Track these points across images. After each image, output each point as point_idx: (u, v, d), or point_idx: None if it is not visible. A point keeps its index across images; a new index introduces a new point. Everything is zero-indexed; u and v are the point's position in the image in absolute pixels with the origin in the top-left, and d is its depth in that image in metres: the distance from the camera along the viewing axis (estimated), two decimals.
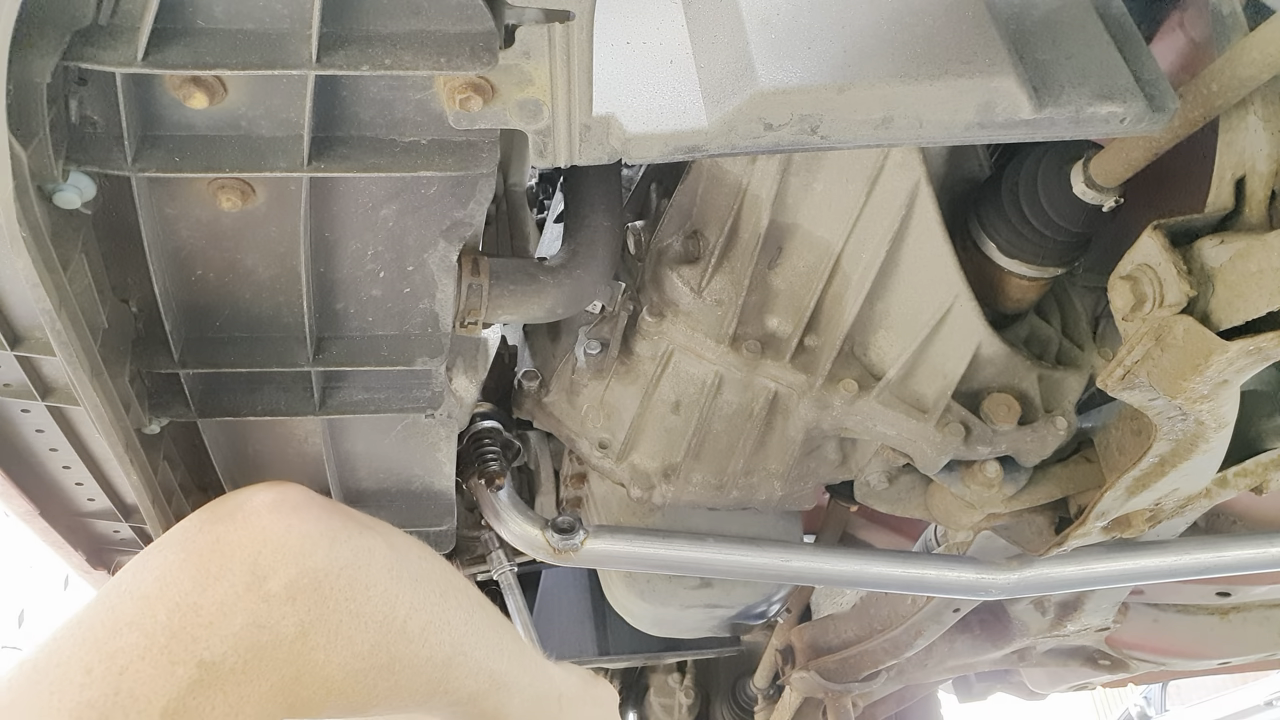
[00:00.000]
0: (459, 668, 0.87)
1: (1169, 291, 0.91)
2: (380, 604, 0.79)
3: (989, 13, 0.94)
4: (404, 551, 0.86)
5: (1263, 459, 1.20)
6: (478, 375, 1.20)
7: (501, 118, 0.85)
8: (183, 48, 0.76)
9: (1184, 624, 1.97)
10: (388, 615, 0.79)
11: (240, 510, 0.77)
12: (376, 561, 0.80)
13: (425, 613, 0.83)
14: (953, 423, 1.24)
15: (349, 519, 0.82)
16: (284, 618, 0.72)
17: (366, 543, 0.81)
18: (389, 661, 0.79)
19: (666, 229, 1.27)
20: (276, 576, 0.73)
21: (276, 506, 0.78)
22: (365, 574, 0.78)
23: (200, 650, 0.67)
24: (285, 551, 0.75)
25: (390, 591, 0.80)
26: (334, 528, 0.79)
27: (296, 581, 0.73)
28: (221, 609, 0.70)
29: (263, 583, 0.72)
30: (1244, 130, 0.93)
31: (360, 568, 0.78)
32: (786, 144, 0.92)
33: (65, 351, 0.88)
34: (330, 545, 0.77)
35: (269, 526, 0.76)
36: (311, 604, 0.74)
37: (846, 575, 1.50)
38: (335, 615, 0.75)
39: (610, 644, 2.52)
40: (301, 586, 0.74)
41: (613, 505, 1.52)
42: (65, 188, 0.82)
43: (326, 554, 0.76)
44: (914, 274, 1.18)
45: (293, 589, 0.73)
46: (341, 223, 0.97)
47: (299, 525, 0.77)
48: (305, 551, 0.75)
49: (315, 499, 0.81)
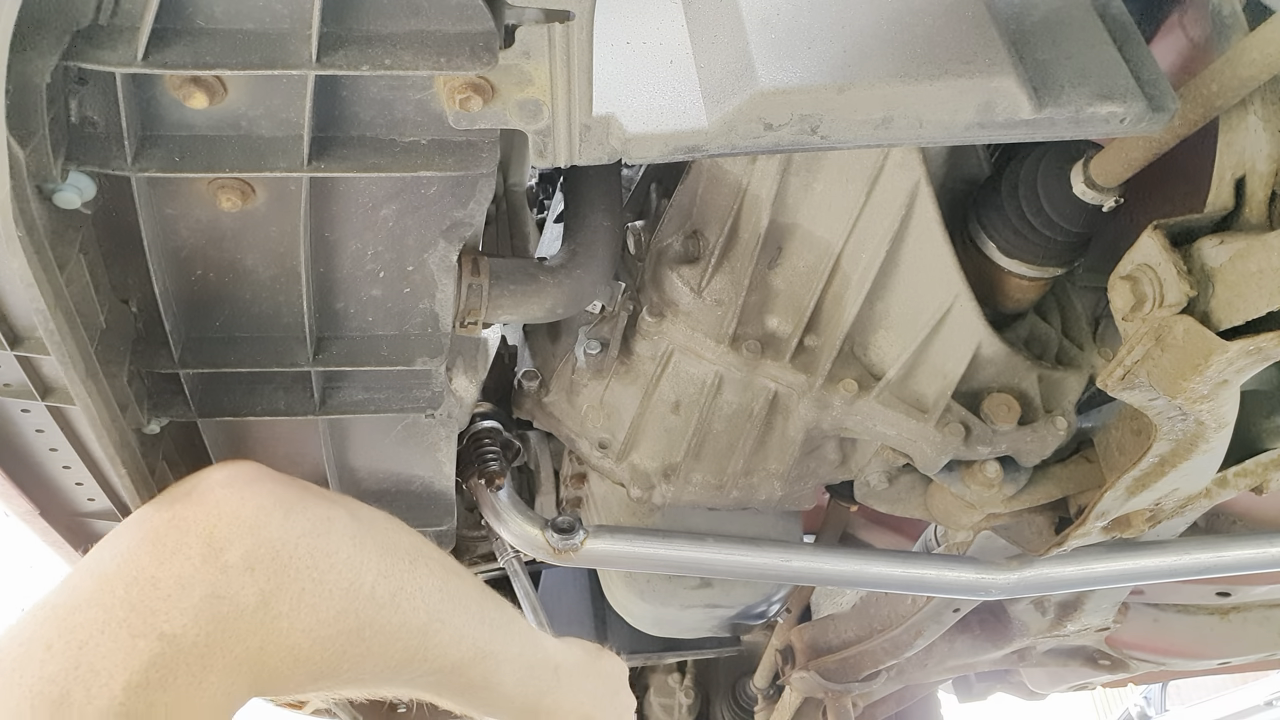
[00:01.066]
0: (437, 635, 0.87)
1: (1169, 291, 0.91)
2: (345, 570, 0.79)
3: (989, 13, 0.94)
4: (368, 521, 0.86)
5: (1263, 459, 1.20)
6: (478, 375, 1.20)
7: (501, 118, 0.85)
8: (183, 48, 0.76)
9: (1184, 624, 1.97)
10: (353, 581, 0.79)
11: (196, 488, 0.78)
12: (337, 529, 0.80)
13: (394, 579, 0.83)
14: (953, 423, 1.24)
15: (306, 491, 0.83)
16: (243, 588, 0.72)
17: (325, 511, 0.81)
18: (357, 626, 0.79)
19: (666, 229, 1.27)
20: (233, 548, 0.73)
21: (230, 481, 0.79)
22: (325, 541, 0.79)
23: (160, 623, 0.67)
24: (240, 523, 0.75)
25: (354, 558, 0.80)
26: (288, 498, 0.79)
27: (254, 551, 0.74)
28: (179, 582, 0.70)
29: (219, 554, 0.72)
30: (1244, 130, 0.93)
31: (320, 535, 0.79)
32: (786, 144, 0.92)
33: (59, 352, 0.88)
34: (285, 514, 0.78)
35: (223, 500, 0.77)
36: (271, 573, 0.74)
37: (846, 575, 1.50)
38: (297, 583, 0.75)
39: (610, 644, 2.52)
40: (259, 556, 0.74)
41: (613, 505, 1.52)
42: (65, 188, 0.82)
43: (282, 523, 0.77)
44: (914, 274, 1.18)
45: (250, 559, 0.73)
46: (341, 223, 0.97)
47: (253, 497, 0.78)
48: (260, 522, 0.76)
49: (270, 474, 0.82)
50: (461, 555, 1.85)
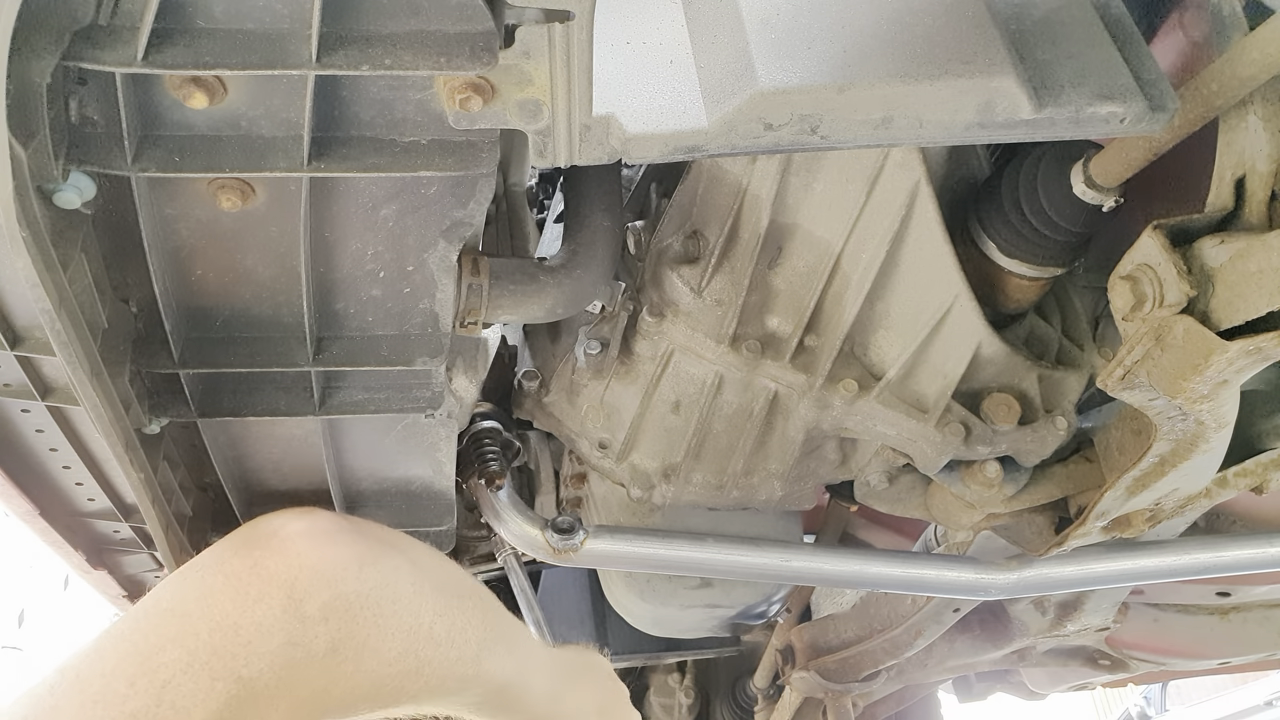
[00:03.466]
0: (485, 662, 0.93)
1: (1169, 291, 0.91)
2: (406, 616, 0.85)
3: (989, 13, 0.94)
4: (425, 564, 0.93)
5: (1263, 459, 1.20)
6: (478, 375, 1.20)
7: (501, 118, 0.85)
8: (183, 48, 0.76)
9: (1184, 624, 1.97)
10: (413, 625, 0.85)
11: (276, 536, 0.83)
12: (402, 579, 0.87)
13: (449, 618, 0.89)
14: (953, 423, 1.24)
15: (375, 542, 0.88)
16: (317, 637, 0.77)
17: (392, 562, 0.87)
18: (417, 665, 0.85)
19: (666, 229, 1.27)
20: (312, 599, 0.78)
21: (310, 534, 0.83)
22: (392, 591, 0.85)
23: (239, 667, 0.72)
24: (320, 576, 0.80)
25: (414, 604, 0.86)
26: (362, 552, 0.85)
27: (330, 604, 0.79)
28: (260, 629, 0.75)
29: (299, 605, 0.77)
30: (1244, 130, 0.93)
31: (387, 586, 0.84)
32: (786, 144, 0.92)
33: (65, 351, 0.88)
34: (360, 569, 0.83)
35: (305, 552, 0.81)
36: (342, 623, 0.79)
37: (846, 575, 1.50)
38: (364, 630, 0.81)
39: (610, 644, 2.52)
40: (335, 608, 0.79)
41: (613, 505, 1.52)
42: (65, 188, 0.82)
43: (357, 577, 0.82)
44: (914, 274, 1.18)
45: (326, 610, 0.78)
46: (341, 223, 0.97)
47: (332, 551, 0.83)
48: (338, 576, 0.81)
49: (344, 524, 0.88)
50: (461, 555, 1.85)
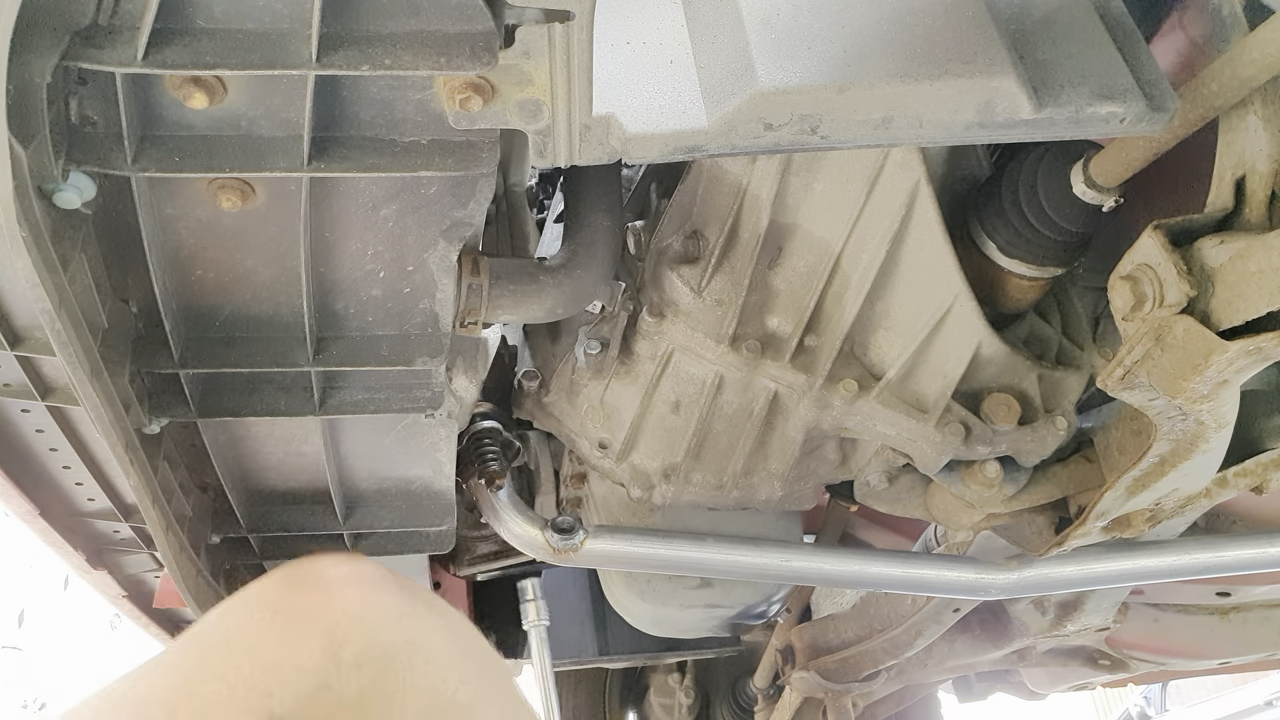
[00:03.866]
0: None
1: (1169, 291, 0.91)
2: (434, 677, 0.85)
3: (989, 13, 0.94)
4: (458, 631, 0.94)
5: (1263, 459, 1.20)
6: (478, 375, 1.20)
7: (501, 118, 0.85)
8: (183, 48, 0.76)
9: (1184, 624, 1.97)
10: (439, 688, 0.85)
11: (322, 580, 0.85)
12: (437, 639, 0.87)
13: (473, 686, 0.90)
14: (953, 423, 1.24)
15: (417, 598, 0.90)
16: (348, 684, 0.77)
17: (431, 622, 0.88)
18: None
19: (666, 229, 1.27)
20: (350, 645, 0.79)
21: (355, 580, 0.85)
22: (425, 650, 0.85)
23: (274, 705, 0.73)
24: (361, 624, 0.81)
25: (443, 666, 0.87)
26: (403, 605, 0.86)
27: (367, 652, 0.79)
28: (298, 670, 0.76)
29: (338, 649, 0.78)
30: (1244, 130, 0.93)
31: (422, 644, 0.85)
32: (786, 144, 0.92)
33: (65, 351, 0.88)
34: (399, 621, 0.84)
35: (349, 599, 0.83)
36: (375, 673, 0.79)
37: (846, 575, 1.50)
38: (391, 684, 0.81)
39: (610, 644, 2.52)
40: (370, 657, 0.80)
41: (613, 505, 1.52)
42: (65, 188, 0.82)
43: (396, 629, 0.84)
44: (914, 274, 1.18)
45: (362, 658, 0.79)
46: (341, 223, 0.97)
47: (375, 600, 0.84)
48: (378, 626, 0.82)
49: (388, 575, 0.89)
50: (461, 555, 1.85)
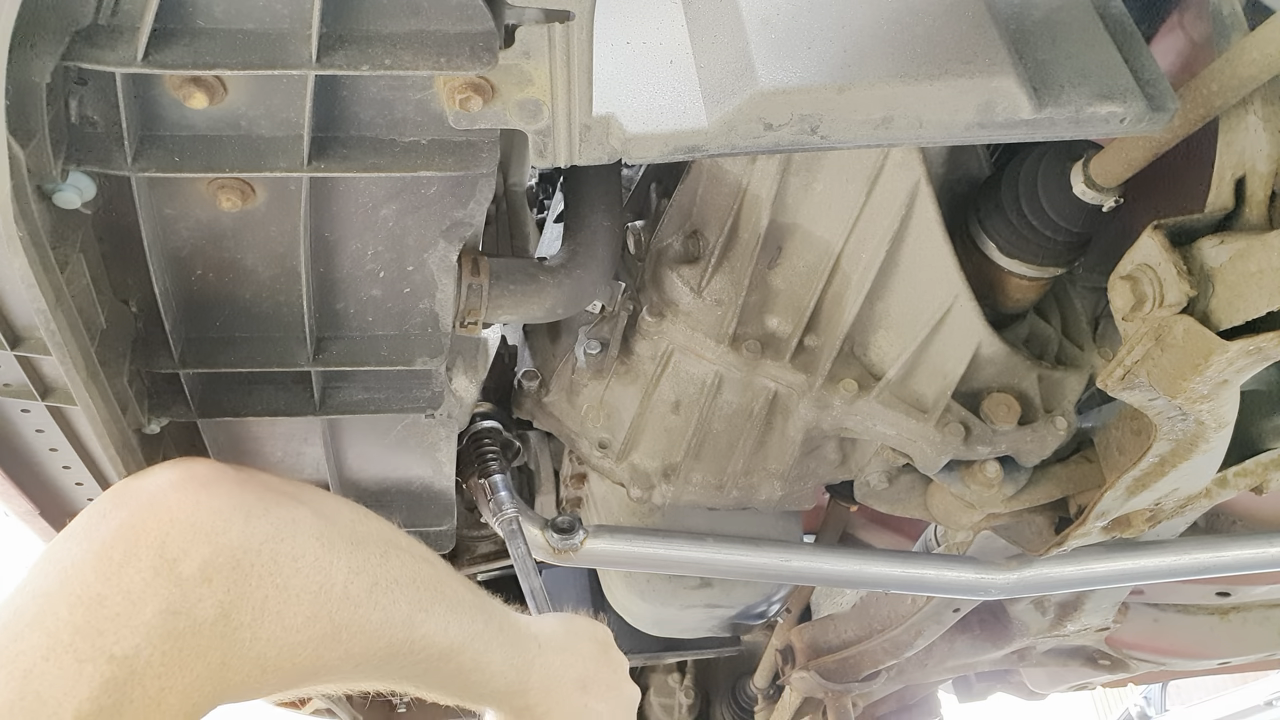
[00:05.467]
0: (421, 625, 0.83)
1: (1169, 291, 0.91)
2: (312, 573, 0.75)
3: (989, 13, 0.94)
4: (334, 516, 0.82)
5: (1263, 459, 1.20)
6: (478, 375, 1.20)
7: (501, 118, 0.85)
8: (183, 48, 0.76)
9: (1184, 624, 1.97)
10: (322, 583, 0.75)
11: (144, 491, 0.72)
12: (303, 530, 0.76)
13: (368, 575, 0.79)
14: (953, 423, 1.24)
15: (266, 489, 0.77)
16: (200, 600, 0.67)
17: (288, 513, 0.76)
18: (333, 630, 0.76)
19: (666, 229, 1.27)
20: (189, 558, 0.68)
21: (184, 484, 0.73)
22: (290, 545, 0.74)
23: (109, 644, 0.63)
24: (196, 530, 0.70)
25: (322, 559, 0.76)
26: (248, 501, 0.74)
27: (211, 561, 0.69)
28: (129, 598, 0.65)
29: (174, 566, 0.67)
30: (1244, 130, 0.93)
31: (284, 539, 0.74)
32: (786, 144, 0.92)
33: (60, 352, 0.88)
34: (245, 519, 0.72)
35: (176, 505, 0.71)
36: (230, 583, 0.69)
37: (846, 575, 1.50)
38: (259, 591, 0.71)
39: None
40: (217, 566, 0.69)
41: (613, 505, 1.52)
42: (65, 188, 0.82)
43: (242, 529, 0.72)
44: (914, 274, 1.18)
45: (207, 569, 0.68)
46: (341, 223, 0.97)
47: (209, 501, 0.72)
48: (218, 529, 0.70)
49: (227, 471, 0.77)
50: (461, 555, 1.85)
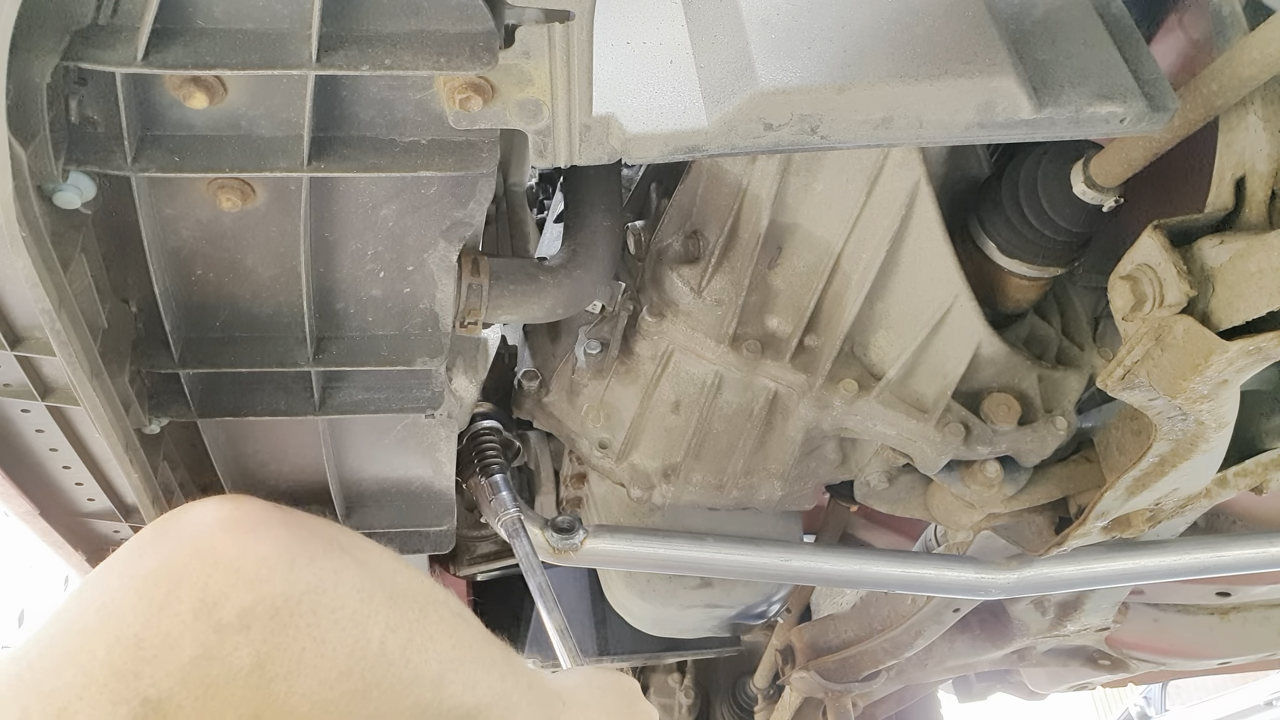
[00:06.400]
0: (451, 684, 0.82)
1: (1169, 291, 0.91)
2: (349, 628, 0.73)
3: (989, 13, 0.94)
4: (376, 568, 0.81)
5: (1263, 459, 1.20)
6: (478, 375, 1.20)
7: (501, 118, 0.85)
8: (183, 48, 0.76)
9: (1184, 624, 1.97)
10: (359, 639, 0.74)
11: (189, 529, 0.71)
12: (345, 583, 0.75)
13: (404, 632, 0.78)
14: (953, 423, 1.24)
15: (313, 537, 0.76)
16: (237, 649, 0.66)
17: (332, 564, 0.75)
18: (364, 688, 0.74)
19: (666, 229, 1.27)
20: (229, 604, 0.67)
21: (231, 525, 0.71)
22: (331, 598, 0.73)
23: (144, 687, 0.62)
24: (239, 576, 0.68)
25: (360, 614, 0.75)
26: (294, 548, 0.72)
27: (252, 609, 0.67)
28: (167, 641, 0.64)
29: (213, 611, 0.66)
30: (1244, 130, 0.93)
31: (325, 592, 0.72)
32: (786, 144, 0.92)
33: (65, 351, 0.88)
34: (289, 569, 0.71)
35: (221, 548, 0.69)
36: (269, 633, 0.68)
37: (846, 575, 1.50)
38: (297, 643, 0.69)
39: (610, 644, 2.52)
40: (257, 614, 0.67)
41: (613, 505, 1.52)
42: (65, 188, 0.82)
43: (285, 578, 0.70)
44: (914, 274, 1.18)
45: (247, 617, 0.67)
46: (341, 223, 0.97)
47: (254, 546, 0.70)
48: (262, 576, 0.69)
49: (274, 514, 0.75)
50: (461, 555, 1.85)
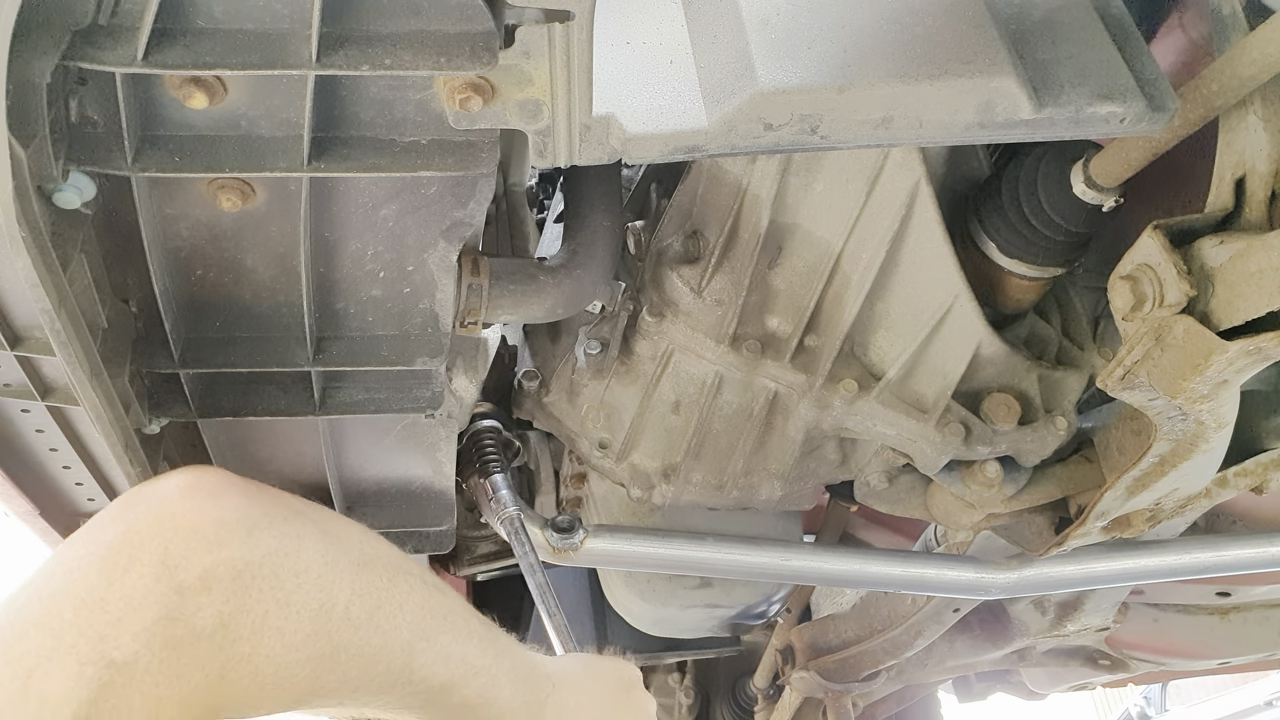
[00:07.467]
0: (423, 653, 0.83)
1: (1169, 291, 0.91)
2: (314, 590, 0.74)
3: (989, 13, 0.94)
4: (341, 536, 0.82)
5: (1263, 459, 1.20)
6: (478, 375, 1.20)
7: (501, 118, 0.85)
8: (183, 48, 0.76)
9: (1184, 624, 1.97)
10: (324, 602, 0.75)
11: (151, 497, 0.73)
12: (308, 547, 0.76)
13: (370, 598, 0.79)
14: (953, 423, 1.24)
15: (274, 503, 0.77)
16: (199, 610, 0.67)
17: (294, 528, 0.76)
18: (331, 650, 0.75)
19: (666, 229, 1.27)
20: (190, 566, 0.68)
21: (190, 492, 0.73)
22: (294, 561, 0.74)
23: (109, 649, 0.63)
24: (199, 539, 0.70)
25: (325, 577, 0.76)
26: (254, 513, 0.74)
27: (212, 571, 0.69)
28: (129, 603, 0.65)
29: (174, 573, 0.68)
30: (1244, 130, 0.93)
31: (287, 555, 0.74)
32: (786, 144, 0.92)
33: (65, 351, 0.88)
34: (249, 532, 0.73)
35: (181, 513, 0.71)
36: (230, 594, 0.69)
37: (846, 575, 1.50)
38: (260, 605, 0.71)
39: (610, 644, 2.52)
40: (218, 576, 0.69)
41: (613, 505, 1.52)
42: (65, 188, 0.82)
43: (245, 541, 0.72)
44: (914, 274, 1.18)
45: (208, 579, 0.68)
46: (341, 223, 0.97)
47: (214, 511, 0.72)
48: (221, 539, 0.71)
49: (236, 483, 0.77)
50: (461, 555, 1.85)
